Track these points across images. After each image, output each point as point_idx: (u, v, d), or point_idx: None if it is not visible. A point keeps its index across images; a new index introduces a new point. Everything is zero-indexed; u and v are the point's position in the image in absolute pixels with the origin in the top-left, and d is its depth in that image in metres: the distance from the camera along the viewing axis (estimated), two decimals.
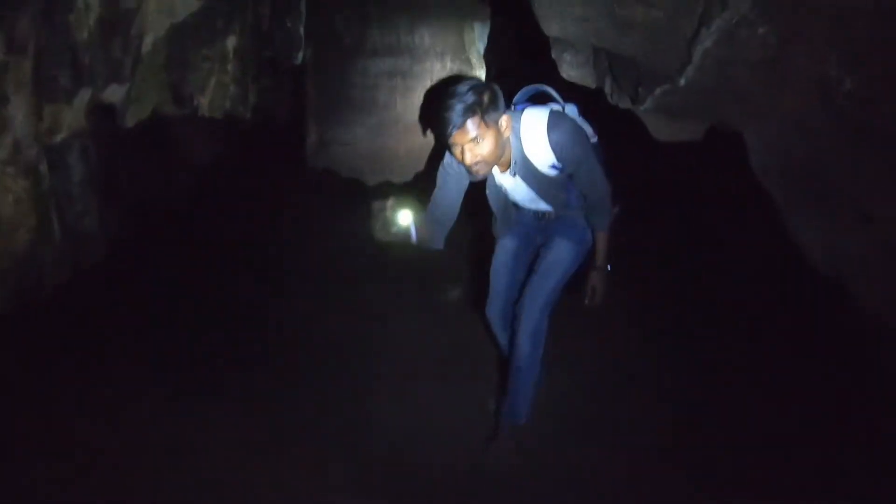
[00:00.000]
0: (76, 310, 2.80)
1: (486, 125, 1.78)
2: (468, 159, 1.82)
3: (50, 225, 2.09)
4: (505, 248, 2.25)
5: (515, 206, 2.19)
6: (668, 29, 1.78)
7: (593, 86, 2.81)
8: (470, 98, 1.77)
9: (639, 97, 2.17)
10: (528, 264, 2.26)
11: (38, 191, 1.65)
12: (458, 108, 1.76)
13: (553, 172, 1.96)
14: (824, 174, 2.04)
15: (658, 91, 2.05)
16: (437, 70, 3.60)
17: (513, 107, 2.04)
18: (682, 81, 1.91)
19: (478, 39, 3.26)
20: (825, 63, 1.79)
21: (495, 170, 2.00)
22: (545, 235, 2.21)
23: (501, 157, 1.93)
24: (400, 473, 2.07)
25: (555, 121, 1.89)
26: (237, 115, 2.41)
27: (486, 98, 1.78)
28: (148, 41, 1.84)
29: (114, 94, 1.84)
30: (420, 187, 2.04)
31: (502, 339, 2.34)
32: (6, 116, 1.37)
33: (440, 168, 2.05)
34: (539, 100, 2.06)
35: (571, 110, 2.05)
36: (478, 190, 2.12)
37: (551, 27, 2.31)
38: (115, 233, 3.21)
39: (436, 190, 2.07)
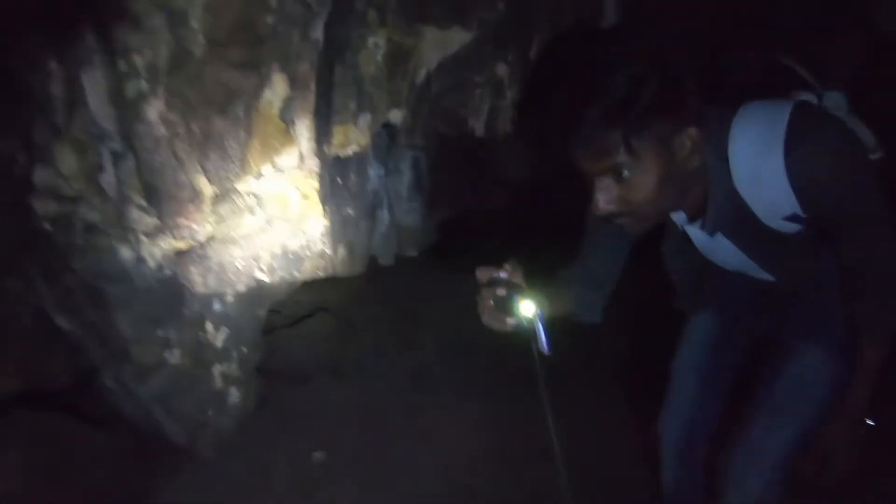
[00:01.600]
0: (393, 286, 3.53)
1: (644, 145, 0.99)
2: (602, 202, 1.05)
3: (358, 219, 2.69)
4: (699, 334, 1.48)
5: (718, 268, 1.35)
6: None
7: None
8: (619, 91, 0.98)
9: None
10: (737, 364, 1.48)
11: (328, 191, 2.18)
12: (596, 108, 0.99)
13: (792, 228, 1.10)
14: None
15: None
16: None
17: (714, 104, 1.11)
18: None
19: None
20: None
21: (678, 215, 1.20)
22: (772, 324, 1.36)
23: (684, 201, 1.13)
24: None
25: (804, 127, 1.00)
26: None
27: (649, 92, 0.98)
28: (422, 72, 2.20)
29: (394, 117, 2.26)
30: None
31: (671, 476, 1.53)
32: (293, 134, 1.87)
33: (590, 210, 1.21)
34: (768, 89, 1.12)
35: (837, 102, 1.15)
36: None
37: None
38: (435, 232, 3.82)
39: (585, 239, 1.34)
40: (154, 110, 1.71)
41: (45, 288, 2.32)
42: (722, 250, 1.23)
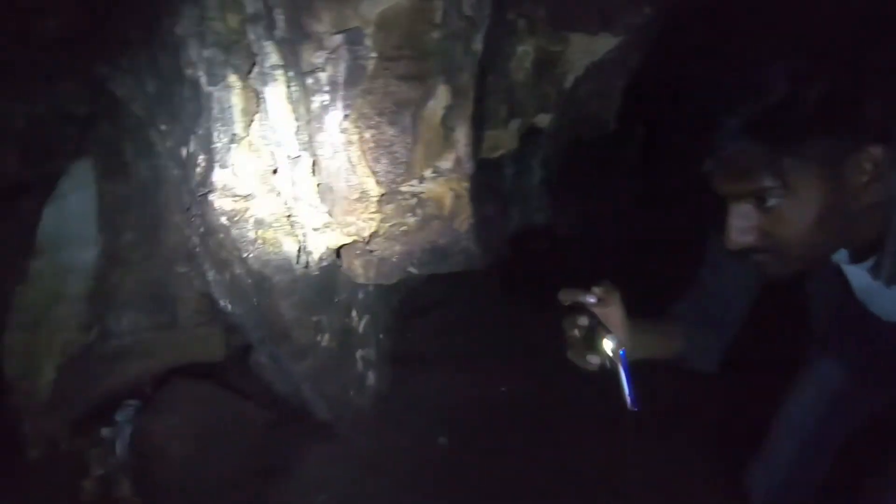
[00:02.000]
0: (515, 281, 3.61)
1: (801, 169, 0.77)
2: (736, 233, 0.85)
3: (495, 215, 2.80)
4: (817, 383, 1.26)
5: (869, 312, 1.09)
6: None
7: None
8: (773, 94, 0.76)
9: None
10: (856, 423, 1.25)
11: (476, 191, 2.29)
12: (739, 115, 0.78)
13: None
14: None
15: None
16: None
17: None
18: None
19: None
20: None
21: (840, 254, 0.94)
22: None
23: (850, 241, 0.89)
24: None
25: None
26: None
27: (813, 96, 0.75)
28: (570, 77, 2.26)
29: (542, 121, 2.34)
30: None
31: None
32: (453, 140, 1.99)
33: (714, 233, 1.01)
34: None
35: None
36: None
37: None
38: (562, 229, 3.87)
39: (704, 270, 1.11)
40: (333, 120, 1.88)
41: (214, 273, 2.58)
42: (891, 301, 0.98)
